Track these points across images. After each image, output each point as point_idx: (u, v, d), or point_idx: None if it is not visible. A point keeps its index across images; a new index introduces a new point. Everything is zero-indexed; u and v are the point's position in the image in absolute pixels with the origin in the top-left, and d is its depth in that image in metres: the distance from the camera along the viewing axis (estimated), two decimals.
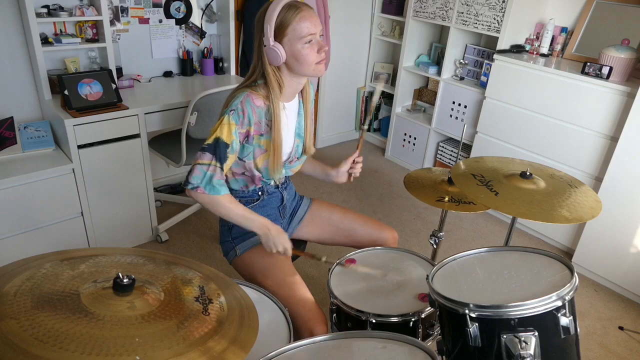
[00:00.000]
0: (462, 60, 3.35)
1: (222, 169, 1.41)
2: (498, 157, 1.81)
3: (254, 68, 1.47)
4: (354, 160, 1.70)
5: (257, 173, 1.53)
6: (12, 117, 2.30)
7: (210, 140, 1.40)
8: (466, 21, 3.15)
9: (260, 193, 1.61)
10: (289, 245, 1.48)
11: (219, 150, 1.40)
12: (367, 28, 3.94)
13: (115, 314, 0.89)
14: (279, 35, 1.37)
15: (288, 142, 1.58)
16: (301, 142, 1.63)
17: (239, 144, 1.45)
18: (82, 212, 2.36)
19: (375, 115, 4.24)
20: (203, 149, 1.41)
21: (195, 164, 1.41)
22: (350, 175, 1.73)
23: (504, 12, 2.92)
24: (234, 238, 1.62)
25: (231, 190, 1.59)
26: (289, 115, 1.54)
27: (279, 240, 1.46)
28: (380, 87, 1.85)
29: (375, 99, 1.90)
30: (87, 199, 2.35)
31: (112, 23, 2.62)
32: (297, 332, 1.42)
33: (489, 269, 1.26)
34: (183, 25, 2.94)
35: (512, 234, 1.84)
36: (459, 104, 3.33)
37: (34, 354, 0.77)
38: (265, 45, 1.39)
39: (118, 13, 2.66)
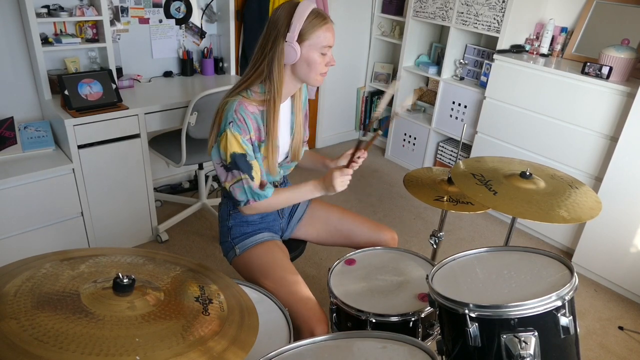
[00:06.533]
0: (462, 60, 3.35)
1: (252, 177, 1.45)
2: (499, 157, 1.81)
3: (256, 63, 1.44)
4: (356, 156, 1.60)
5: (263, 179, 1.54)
6: (12, 117, 2.30)
7: (228, 158, 1.42)
8: (466, 21, 3.15)
9: None
10: (346, 179, 1.52)
11: (240, 163, 1.43)
12: (367, 28, 3.94)
13: (115, 314, 0.89)
14: (299, 37, 1.38)
15: (285, 141, 1.58)
16: None
17: (252, 149, 1.46)
18: (82, 212, 2.36)
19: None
20: (227, 168, 1.44)
21: (231, 185, 1.45)
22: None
23: (504, 12, 2.92)
24: (233, 238, 1.62)
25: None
26: (284, 115, 1.56)
27: (336, 183, 1.50)
28: (391, 91, 1.72)
29: (384, 104, 1.68)
30: (87, 199, 2.35)
31: (112, 23, 2.62)
32: (298, 331, 1.42)
33: (489, 269, 1.26)
34: (183, 25, 2.94)
35: (512, 234, 1.84)
36: (459, 104, 3.33)
37: (34, 354, 0.77)
38: (286, 41, 1.38)
39: (118, 13, 2.67)
